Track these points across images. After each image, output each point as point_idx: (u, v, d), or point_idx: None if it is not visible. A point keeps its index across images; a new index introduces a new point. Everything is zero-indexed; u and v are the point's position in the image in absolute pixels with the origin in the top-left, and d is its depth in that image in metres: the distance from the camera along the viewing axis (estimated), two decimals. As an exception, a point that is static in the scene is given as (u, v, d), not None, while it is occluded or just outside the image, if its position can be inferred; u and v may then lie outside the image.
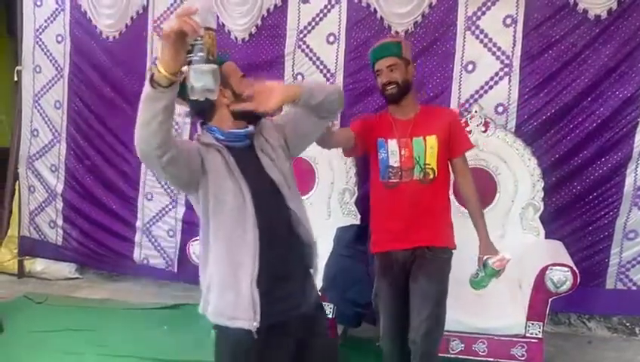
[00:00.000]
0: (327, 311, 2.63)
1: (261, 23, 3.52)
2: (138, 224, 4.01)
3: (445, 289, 2.22)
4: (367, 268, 2.74)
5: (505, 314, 2.54)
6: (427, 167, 2.23)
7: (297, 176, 1.71)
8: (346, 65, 3.36)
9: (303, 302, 1.60)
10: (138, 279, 4.21)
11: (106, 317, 3.58)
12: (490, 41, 3.10)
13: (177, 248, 3.89)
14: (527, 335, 2.46)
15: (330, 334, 1.96)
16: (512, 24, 3.04)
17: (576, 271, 2.42)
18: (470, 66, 3.15)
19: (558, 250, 2.71)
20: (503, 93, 3.09)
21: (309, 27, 3.44)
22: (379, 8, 3.25)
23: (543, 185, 2.91)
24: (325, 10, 3.40)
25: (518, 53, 3.05)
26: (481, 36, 3.11)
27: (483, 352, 2.54)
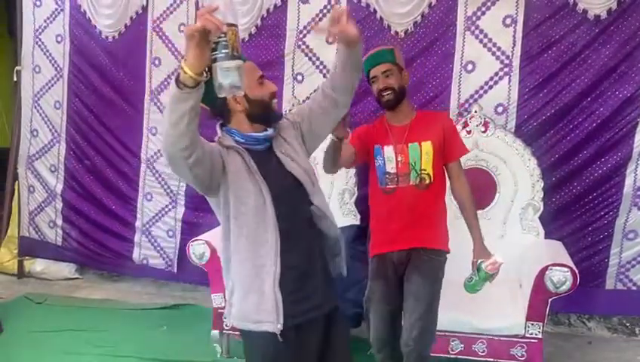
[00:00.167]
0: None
1: (261, 22, 3.52)
2: (138, 224, 4.01)
3: (438, 291, 2.24)
4: (367, 268, 2.73)
5: (504, 314, 2.54)
6: (423, 172, 2.26)
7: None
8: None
9: (325, 299, 1.61)
10: (138, 279, 4.21)
11: (106, 317, 3.58)
12: (489, 41, 3.10)
13: (177, 248, 3.88)
14: (527, 335, 2.46)
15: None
16: (512, 24, 3.04)
17: (576, 271, 2.42)
18: (470, 66, 3.15)
19: (557, 250, 2.70)
20: (502, 93, 3.09)
21: (309, 27, 3.43)
22: (378, 8, 3.25)
23: (542, 185, 2.91)
24: (325, 11, 3.39)
25: (517, 53, 3.04)
26: (481, 36, 3.11)
27: (483, 352, 2.54)
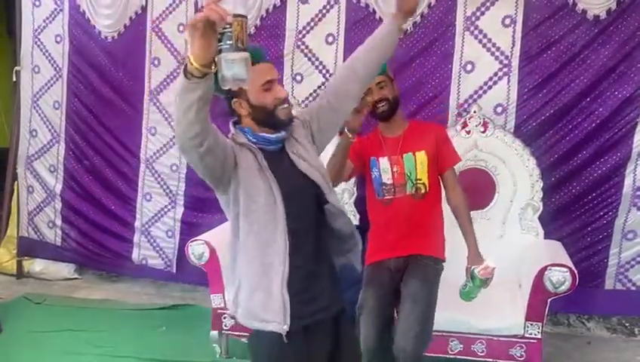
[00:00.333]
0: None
1: (260, 23, 3.51)
2: (137, 224, 4.00)
3: (435, 295, 2.24)
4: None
5: (504, 314, 2.54)
6: (419, 182, 2.29)
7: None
8: (345, 65, 3.36)
9: (332, 301, 1.61)
10: (137, 279, 4.20)
11: (105, 317, 3.58)
12: (489, 42, 3.10)
13: (176, 249, 3.88)
14: (526, 335, 2.46)
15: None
16: (511, 24, 3.04)
17: (575, 271, 2.41)
18: (469, 66, 3.14)
19: (557, 251, 2.70)
20: (501, 94, 3.09)
21: (308, 27, 3.43)
22: (378, 9, 3.24)
23: (542, 185, 2.91)
24: (324, 11, 3.39)
25: (517, 54, 3.04)
26: (480, 36, 3.11)
27: (482, 353, 2.54)
